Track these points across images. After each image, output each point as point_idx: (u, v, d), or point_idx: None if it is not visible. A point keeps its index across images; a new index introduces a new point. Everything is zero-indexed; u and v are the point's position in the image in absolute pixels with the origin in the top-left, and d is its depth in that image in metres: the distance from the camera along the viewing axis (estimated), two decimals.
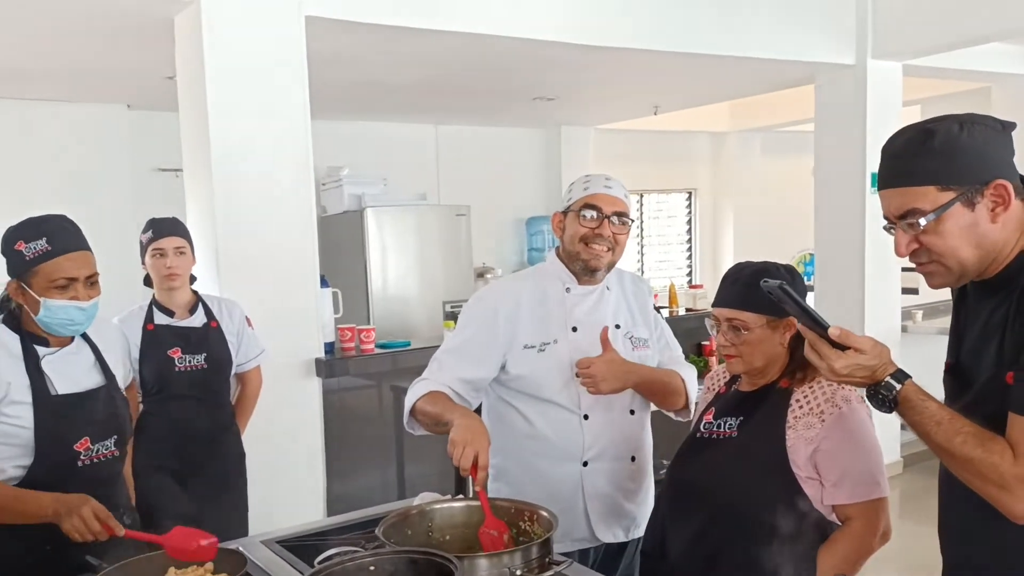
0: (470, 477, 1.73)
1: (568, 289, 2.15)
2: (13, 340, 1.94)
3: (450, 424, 1.81)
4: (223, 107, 3.41)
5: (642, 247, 8.72)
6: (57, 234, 1.91)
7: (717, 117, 8.03)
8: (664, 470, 2.04)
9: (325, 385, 3.78)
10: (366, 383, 4.15)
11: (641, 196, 8.60)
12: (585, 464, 2.11)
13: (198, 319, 3.07)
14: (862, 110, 5.10)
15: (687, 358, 4.79)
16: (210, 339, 3.05)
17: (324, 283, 3.82)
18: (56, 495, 1.83)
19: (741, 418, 1.87)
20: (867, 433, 1.77)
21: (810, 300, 4.45)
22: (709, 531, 1.82)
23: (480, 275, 6.61)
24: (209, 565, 1.74)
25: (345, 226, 5.82)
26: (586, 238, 2.09)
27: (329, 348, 3.81)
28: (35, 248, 1.89)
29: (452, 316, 5.67)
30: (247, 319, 3.20)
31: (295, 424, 3.64)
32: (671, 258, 8.97)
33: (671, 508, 1.94)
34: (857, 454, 1.75)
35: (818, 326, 1.41)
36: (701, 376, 4.54)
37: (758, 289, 1.65)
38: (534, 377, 2.10)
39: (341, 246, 5.78)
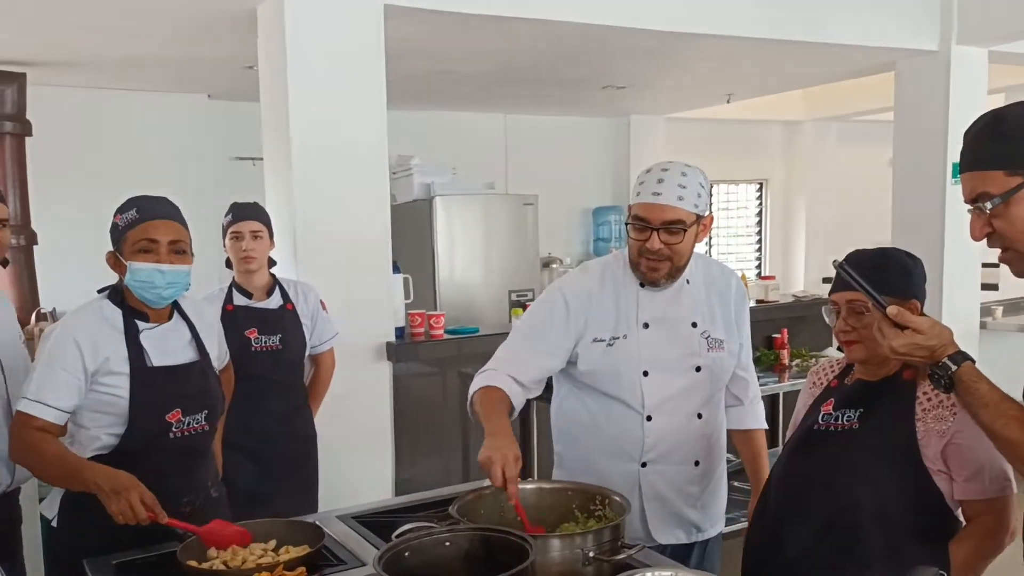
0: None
1: (643, 284, 2.07)
2: (115, 314, 2.03)
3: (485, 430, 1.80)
4: (303, 97, 3.48)
5: (711, 238, 8.61)
6: (147, 204, 2.02)
7: (791, 106, 7.85)
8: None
9: (394, 369, 3.84)
10: (433, 369, 4.20)
11: (711, 186, 8.46)
12: (644, 465, 2.06)
13: (275, 301, 3.15)
14: (945, 98, 4.92)
15: (757, 351, 4.74)
16: (285, 321, 3.13)
17: (396, 269, 3.88)
18: (107, 472, 1.87)
19: (862, 410, 1.80)
20: None
21: None
22: (836, 525, 1.76)
23: (546, 265, 6.62)
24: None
25: (414, 214, 5.89)
26: (639, 251, 2.00)
27: (400, 333, 3.87)
28: (126, 217, 2.00)
29: (518, 304, 5.69)
30: (322, 302, 3.27)
31: (366, 407, 3.71)
32: (739, 250, 8.83)
33: (787, 502, 1.86)
34: (991, 449, 1.66)
35: (879, 305, 1.49)
36: (770, 369, 4.53)
37: (880, 271, 1.71)
38: (601, 372, 2.05)
39: (410, 234, 5.84)
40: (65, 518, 2.01)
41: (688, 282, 2.10)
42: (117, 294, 2.07)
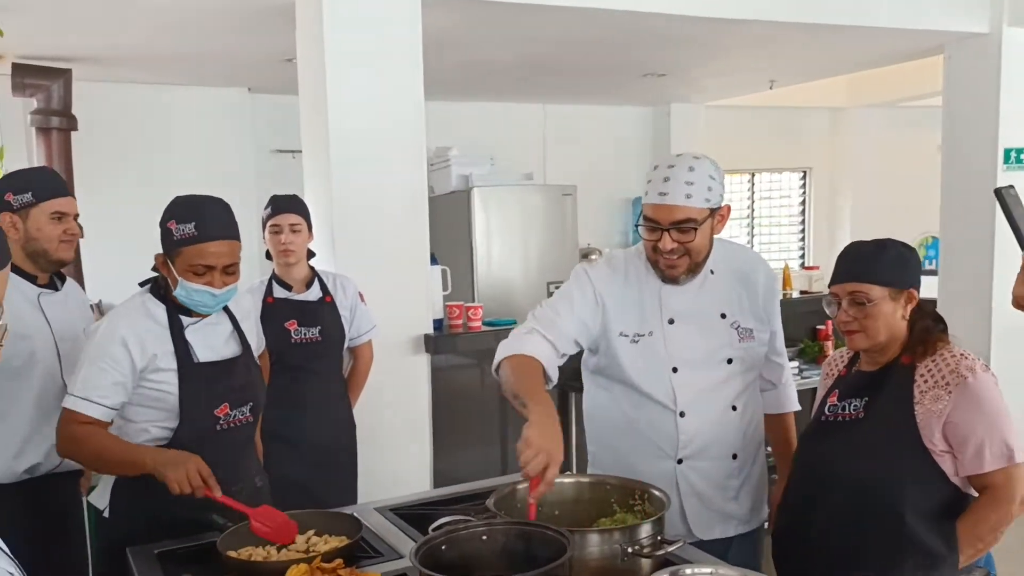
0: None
1: (664, 279, 2.02)
2: (160, 310, 2.05)
3: (526, 409, 1.70)
4: (341, 89, 3.49)
5: (752, 228, 8.49)
6: (206, 221, 1.97)
7: (835, 92, 7.68)
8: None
9: (432, 361, 3.83)
10: (471, 361, 4.19)
11: (752, 175, 8.36)
12: (680, 462, 2.02)
13: (314, 293, 3.17)
14: (995, 82, 4.77)
15: (801, 343, 4.66)
16: (324, 313, 3.15)
17: (434, 261, 3.87)
18: (162, 450, 1.94)
19: (866, 399, 1.85)
20: (996, 400, 1.77)
21: (932, 286, 4.25)
22: (849, 513, 1.81)
23: (585, 255, 6.57)
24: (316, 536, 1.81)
25: (452, 205, 5.89)
26: (654, 250, 1.96)
27: (438, 325, 3.87)
28: (183, 231, 1.96)
29: None
30: (360, 295, 3.29)
31: (404, 398, 3.71)
32: (782, 240, 8.69)
33: (803, 493, 1.92)
34: (988, 422, 1.75)
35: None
36: (816, 362, 4.45)
37: (879, 262, 1.80)
38: (629, 369, 2.02)
39: (447, 225, 5.84)
40: (116, 508, 2.05)
41: (712, 272, 2.05)
42: (159, 288, 2.08)
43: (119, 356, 1.97)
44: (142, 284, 2.12)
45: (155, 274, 2.10)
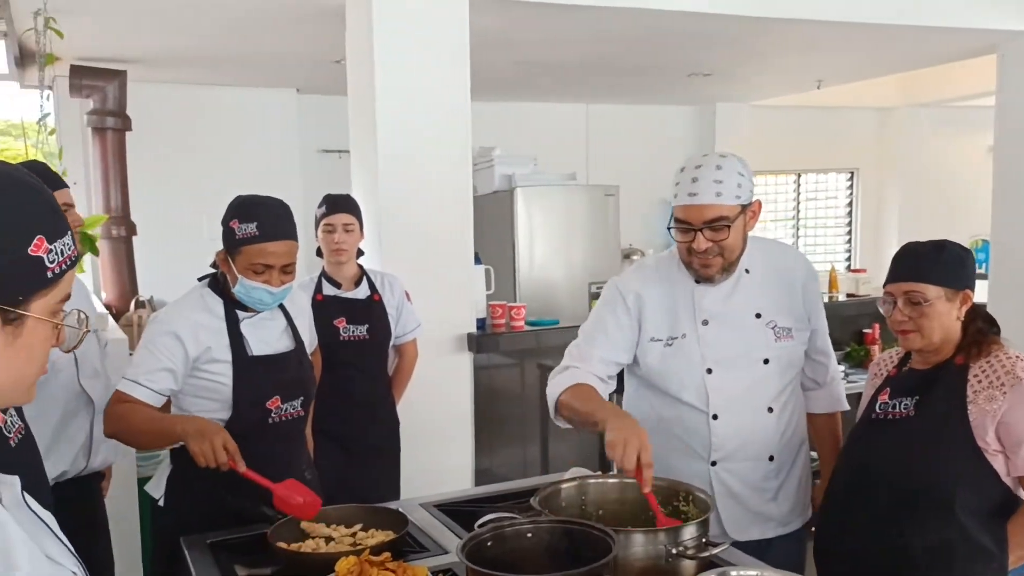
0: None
1: (698, 280, 2.02)
2: (217, 304, 2.12)
3: (601, 424, 1.75)
4: (389, 90, 3.52)
5: (797, 229, 8.38)
6: (267, 221, 2.04)
7: (883, 91, 7.55)
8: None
9: (475, 361, 3.86)
10: (513, 361, 4.21)
11: (798, 176, 8.25)
12: (714, 464, 2.02)
13: (362, 292, 3.22)
14: None
15: (848, 347, 4.60)
16: (373, 311, 3.19)
17: (478, 260, 3.90)
18: (193, 419, 1.98)
19: (917, 397, 1.85)
20: None
21: (982, 290, 4.16)
22: (898, 513, 1.80)
23: (627, 256, 6.56)
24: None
25: (494, 205, 5.91)
26: (688, 251, 1.96)
27: (480, 324, 3.89)
28: (245, 230, 2.03)
29: (598, 297, 5.64)
30: (407, 294, 3.33)
31: (447, 396, 3.74)
32: (828, 241, 8.57)
33: (850, 492, 1.91)
34: None
35: None
36: (862, 366, 4.39)
37: (936, 262, 1.81)
38: (663, 372, 2.02)
39: (490, 225, 5.86)
40: (170, 498, 2.11)
41: (747, 271, 2.04)
42: (218, 283, 2.15)
43: (171, 345, 2.04)
44: (201, 279, 2.18)
45: (213, 270, 2.16)
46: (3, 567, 0.84)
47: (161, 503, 2.14)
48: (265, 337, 2.15)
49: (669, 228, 1.98)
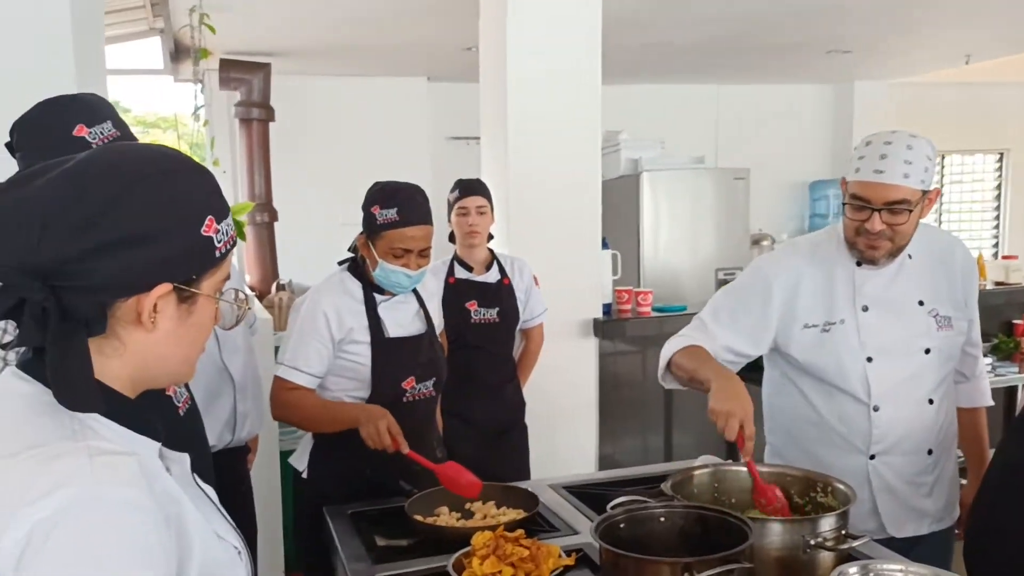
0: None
1: (859, 262, 1.93)
2: (356, 287, 2.22)
3: (707, 384, 1.73)
4: (521, 77, 3.56)
5: (940, 213, 7.94)
6: (407, 206, 2.13)
7: None
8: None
9: (600, 347, 3.86)
10: (638, 347, 4.19)
11: (942, 158, 7.81)
12: (872, 457, 1.93)
13: (493, 275, 3.27)
14: None
15: (996, 338, 4.35)
16: (503, 295, 3.24)
17: (605, 245, 3.90)
18: (361, 405, 2.11)
19: None
20: None
21: None
22: None
23: (756, 242, 6.38)
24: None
25: (620, 190, 5.87)
26: (857, 231, 1.85)
27: (606, 309, 3.89)
28: (386, 215, 2.12)
29: (725, 284, 5.53)
30: (535, 278, 3.36)
31: (572, 382, 3.76)
32: (974, 227, 8.08)
33: (1005, 492, 1.79)
34: None
35: None
36: (1009, 358, 4.13)
37: None
38: (819, 360, 1.93)
39: (615, 210, 5.82)
40: (313, 469, 2.23)
41: (910, 257, 1.94)
42: (358, 268, 2.24)
43: (321, 328, 2.15)
44: (341, 263, 2.28)
45: (352, 255, 2.26)
46: (184, 554, 0.87)
47: (304, 475, 2.26)
48: (400, 320, 2.23)
49: (844, 203, 1.88)
